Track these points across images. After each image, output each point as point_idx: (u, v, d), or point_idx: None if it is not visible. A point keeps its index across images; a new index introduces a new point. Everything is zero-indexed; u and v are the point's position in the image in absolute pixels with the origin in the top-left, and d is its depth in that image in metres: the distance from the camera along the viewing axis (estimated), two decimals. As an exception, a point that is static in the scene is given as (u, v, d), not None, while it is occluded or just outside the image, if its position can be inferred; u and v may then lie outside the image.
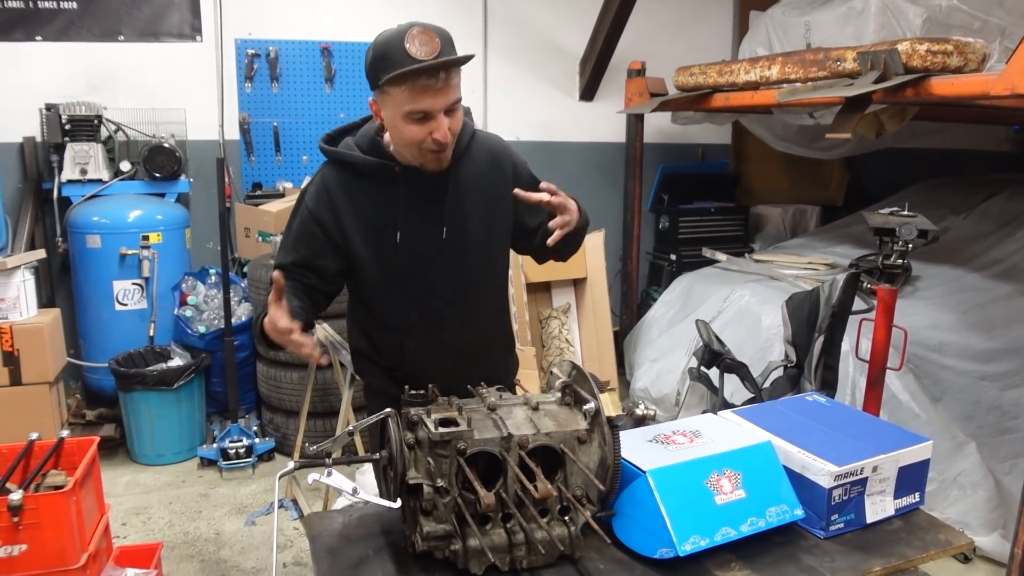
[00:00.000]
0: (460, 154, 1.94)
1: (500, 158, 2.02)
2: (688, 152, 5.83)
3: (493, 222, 2.04)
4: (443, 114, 1.75)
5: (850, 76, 3.18)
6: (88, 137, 4.20)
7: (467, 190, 1.97)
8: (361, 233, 1.94)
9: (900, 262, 2.78)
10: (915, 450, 1.82)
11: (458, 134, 1.86)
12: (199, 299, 4.23)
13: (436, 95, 1.72)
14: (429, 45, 1.69)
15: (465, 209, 1.98)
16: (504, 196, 1.98)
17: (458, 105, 1.79)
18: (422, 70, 1.68)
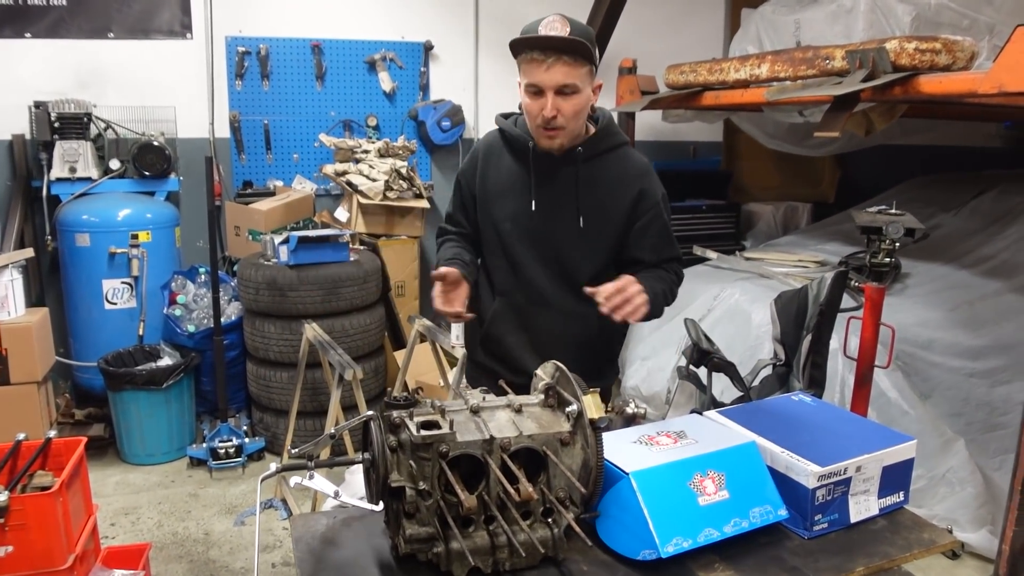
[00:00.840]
0: (593, 155, 2.07)
1: (630, 179, 2.11)
2: (680, 150, 5.83)
3: (597, 233, 2.11)
4: (553, 93, 1.90)
5: (839, 74, 3.18)
6: (77, 135, 4.18)
7: (585, 190, 2.08)
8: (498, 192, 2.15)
9: (888, 260, 2.78)
10: (899, 449, 1.82)
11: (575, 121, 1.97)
12: (188, 298, 4.22)
13: (546, 71, 1.88)
14: (558, 29, 1.87)
15: (579, 205, 2.08)
16: (615, 215, 2.10)
17: (574, 91, 1.91)
18: (533, 42, 1.88)
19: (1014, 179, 4.68)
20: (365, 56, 4.92)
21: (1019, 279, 3.75)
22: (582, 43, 1.87)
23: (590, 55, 1.91)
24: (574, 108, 1.94)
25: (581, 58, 1.90)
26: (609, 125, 2.14)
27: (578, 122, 2.00)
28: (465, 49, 5.14)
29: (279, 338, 3.90)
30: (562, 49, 1.87)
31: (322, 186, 4.94)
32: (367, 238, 4.47)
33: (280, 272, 3.85)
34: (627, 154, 2.15)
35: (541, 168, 2.10)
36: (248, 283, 3.93)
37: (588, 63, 1.93)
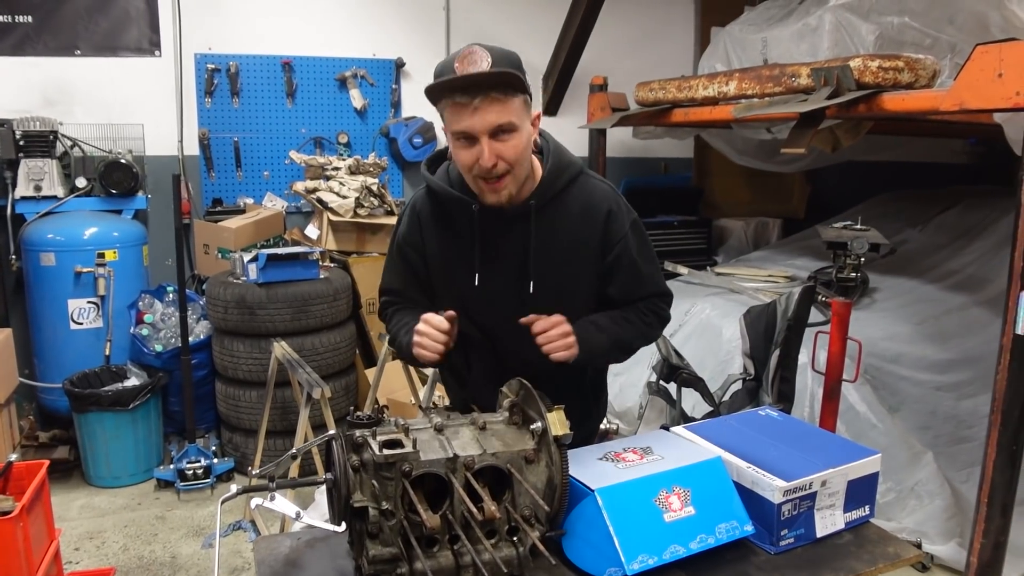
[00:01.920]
0: (550, 198, 1.81)
1: (595, 209, 1.84)
2: (651, 166, 5.87)
3: (574, 278, 1.88)
4: (488, 137, 1.64)
5: (805, 92, 3.22)
6: (43, 153, 4.12)
7: (549, 239, 1.82)
8: (441, 265, 1.91)
9: (854, 275, 2.81)
10: (864, 463, 1.83)
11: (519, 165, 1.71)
12: (156, 317, 4.16)
13: (473, 114, 1.61)
14: (476, 64, 1.59)
15: (544, 260, 1.83)
16: (588, 252, 1.85)
17: (511, 130, 1.65)
18: (454, 84, 1.60)
19: (979, 194, 4.77)
20: (336, 73, 4.91)
21: (984, 293, 3.81)
22: (510, 74, 1.60)
23: (521, 84, 1.64)
24: (515, 150, 1.67)
25: (512, 90, 1.63)
26: (558, 157, 1.83)
27: (523, 165, 1.73)
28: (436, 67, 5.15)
29: (248, 357, 3.85)
30: (489, 85, 1.60)
31: (293, 203, 4.91)
32: (337, 255, 4.45)
33: (249, 290, 3.81)
34: (586, 184, 1.86)
35: (488, 232, 1.81)
36: (217, 301, 3.89)
37: (521, 93, 1.66)
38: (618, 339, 1.92)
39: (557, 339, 1.78)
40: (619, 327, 1.92)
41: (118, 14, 4.48)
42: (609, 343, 1.89)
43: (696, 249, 5.47)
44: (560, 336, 1.78)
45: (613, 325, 1.91)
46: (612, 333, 1.89)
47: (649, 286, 1.96)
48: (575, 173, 1.85)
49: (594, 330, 1.86)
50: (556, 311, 1.83)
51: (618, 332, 1.91)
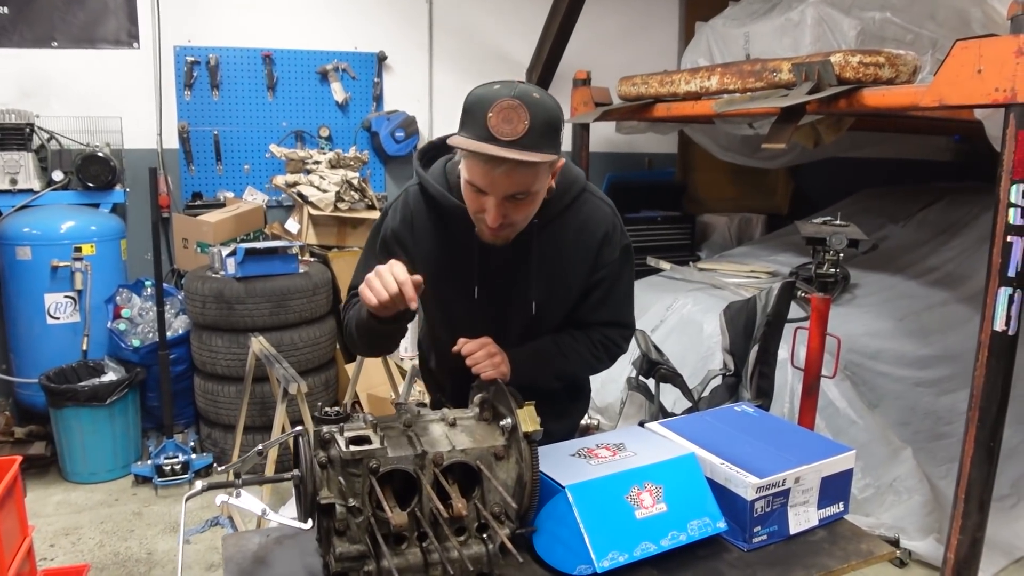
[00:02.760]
0: (552, 218, 1.74)
1: (592, 230, 1.79)
2: (635, 161, 5.86)
3: (564, 296, 1.84)
4: (500, 199, 1.55)
5: (786, 87, 3.21)
6: (18, 146, 4.07)
7: (548, 257, 1.77)
8: (433, 273, 1.72)
9: (833, 271, 2.81)
10: (838, 460, 1.82)
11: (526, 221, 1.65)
12: (134, 312, 4.12)
13: (493, 180, 1.52)
14: (511, 125, 1.44)
15: (544, 281, 1.79)
16: (580, 271, 1.81)
17: (527, 196, 1.56)
18: (480, 153, 1.48)
19: (961, 191, 4.78)
20: (317, 66, 4.87)
21: (964, 289, 3.82)
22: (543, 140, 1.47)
23: (554, 150, 1.52)
24: (524, 214, 1.60)
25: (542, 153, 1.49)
26: (565, 174, 1.75)
27: (529, 219, 1.65)
28: (419, 60, 5.11)
29: (227, 352, 3.82)
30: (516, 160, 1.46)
31: (274, 197, 4.87)
32: (318, 250, 4.41)
33: (227, 285, 3.78)
34: (587, 203, 1.80)
35: (488, 248, 1.73)
36: (195, 296, 3.85)
37: (551, 153, 1.52)
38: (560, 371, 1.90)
39: (483, 360, 1.75)
40: (564, 358, 1.89)
41: (96, 5, 4.42)
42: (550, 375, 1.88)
43: (679, 245, 5.47)
44: (486, 357, 1.75)
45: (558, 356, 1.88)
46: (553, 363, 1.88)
47: (612, 314, 1.90)
48: (578, 191, 1.78)
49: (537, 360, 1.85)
50: (544, 326, 1.83)
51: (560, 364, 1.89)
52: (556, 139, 1.53)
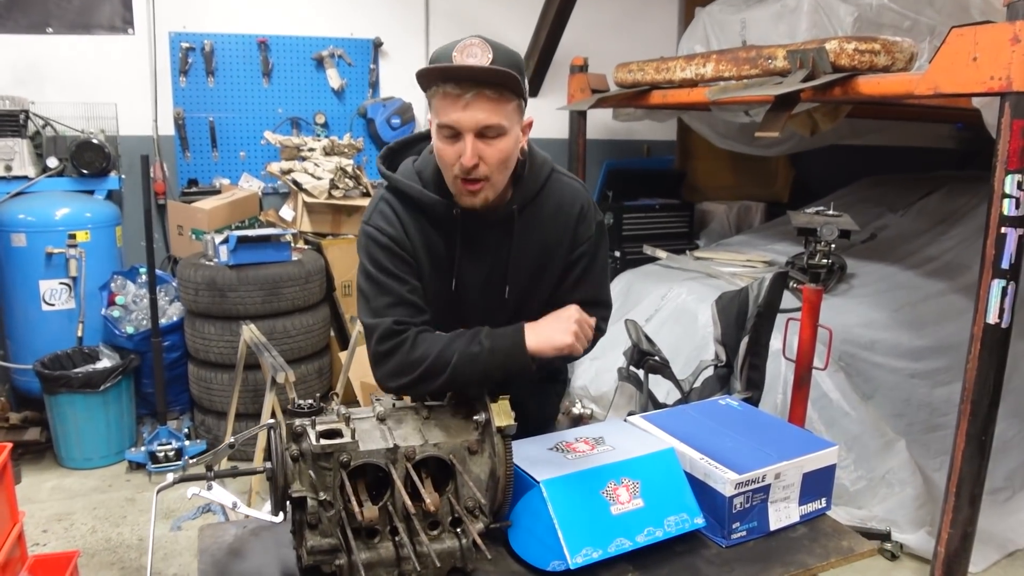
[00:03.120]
0: (529, 199, 1.73)
1: (567, 208, 1.78)
2: (634, 148, 5.82)
3: (544, 280, 1.81)
4: (473, 136, 1.54)
5: (781, 74, 3.17)
6: (12, 132, 4.05)
7: (526, 243, 1.76)
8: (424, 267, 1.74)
9: (825, 261, 2.78)
10: (820, 456, 1.81)
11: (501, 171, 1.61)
12: (128, 299, 4.11)
13: (464, 109, 1.51)
14: (476, 58, 1.49)
15: (520, 264, 1.77)
16: (558, 252, 1.79)
17: (499, 134, 1.55)
18: (448, 73, 1.49)
19: (962, 180, 4.73)
20: (313, 53, 4.84)
21: (962, 280, 3.78)
22: (509, 74, 1.50)
23: (519, 88, 1.55)
24: (500, 155, 1.57)
25: (508, 92, 1.53)
26: (534, 157, 1.76)
27: (505, 172, 1.63)
28: (415, 46, 5.07)
29: (219, 339, 3.82)
30: (484, 81, 1.50)
31: (269, 184, 4.85)
32: (312, 237, 4.40)
33: (220, 272, 3.77)
34: (558, 181, 1.79)
35: (469, 237, 1.72)
36: (188, 283, 3.84)
37: (516, 97, 1.56)
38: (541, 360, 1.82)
39: None
40: None
41: (90, -10, 4.41)
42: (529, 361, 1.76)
43: (677, 233, 5.43)
44: None
45: None
46: None
47: (591, 292, 1.86)
48: (548, 172, 1.78)
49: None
50: (523, 312, 1.80)
51: None
52: (519, 78, 1.54)
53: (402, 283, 1.68)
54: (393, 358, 1.64)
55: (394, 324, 1.64)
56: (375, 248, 1.69)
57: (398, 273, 1.68)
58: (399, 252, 1.69)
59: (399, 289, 1.67)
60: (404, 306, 1.67)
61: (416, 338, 1.64)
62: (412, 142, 1.85)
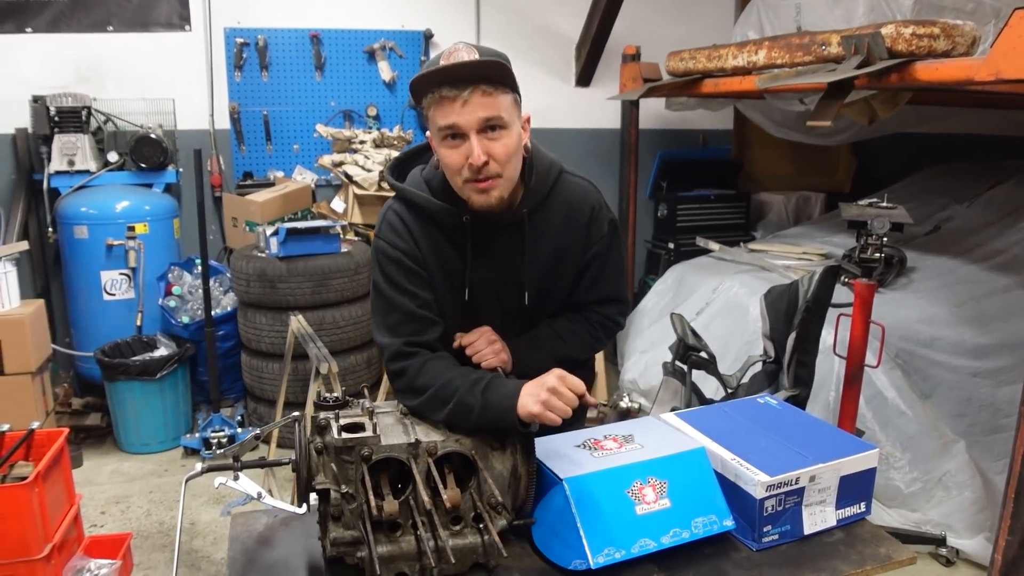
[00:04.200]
0: (539, 203, 1.73)
1: (579, 209, 1.77)
2: (689, 138, 5.71)
3: (560, 283, 1.82)
4: (477, 133, 1.54)
5: (835, 61, 3.06)
6: (75, 128, 4.20)
7: (538, 247, 1.75)
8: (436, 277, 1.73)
9: (877, 255, 2.68)
10: (859, 459, 1.74)
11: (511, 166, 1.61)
12: (184, 289, 4.23)
13: (462, 108, 1.52)
14: (464, 57, 1.50)
15: (535, 269, 1.76)
16: (572, 254, 1.79)
17: (502, 127, 1.56)
18: (441, 75, 1.50)
19: (1034, 169, 4.50)
20: (364, 46, 4.88)
21: (1031, 274, 3.60)
22: (500, 64, 1.51)
23: (511, 80, 1.56)
24: (506, 148, 1.57)
25: (502, 85, 1.54)
26: (541, 157, 1.75)
27: (514, 166, 1.62)
28: (466, 37, 5.05)
29: (270, 329, 3.89)
30: (478, 76, 1.50)
31: (323, 177, 4.92)
32: (362, 229, 4.44)
33: (270, 264, 3.84)
34: (568, 183, 1.78)
35: (479, 244, 1.71)
36: (240, 275, 3.93)
37: (511, 90, 1.57)
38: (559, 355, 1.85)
39: (483, 347, 1.75)
40: (562, 342, 1.86)
41: (149, -11, 4.53)
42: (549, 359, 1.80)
43: (733, 224, 5.31)
44: (486, 344, 1.75)
45: (557, 341, 1.85)
46: (552, 349, 1.84)
47: (608, 290, 1.87)
48: (557, 173, 1.76)
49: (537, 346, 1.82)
50: (541, 316, 1.82)
51: (559, 348, 1.85)
52: (510, 71, 1.55)
53: (413, 298, 1.68)
54: (402, 379, 1.67)
55: (404, 345, 1.67)
56: (386, 262, 1.70)
57: (409, 288, 1.68)
58: (410, 265, 1.69)
59: (410, 305, 1.68)
60: (415, 322, 1.68)
61: (423, 367, 1.65)
62: (419, 152, 1.85)
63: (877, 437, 3.10)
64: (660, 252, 5.30)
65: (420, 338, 1.68)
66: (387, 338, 1.69)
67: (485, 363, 1.73)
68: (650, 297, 4.65)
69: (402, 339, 1.67)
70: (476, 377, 1.62)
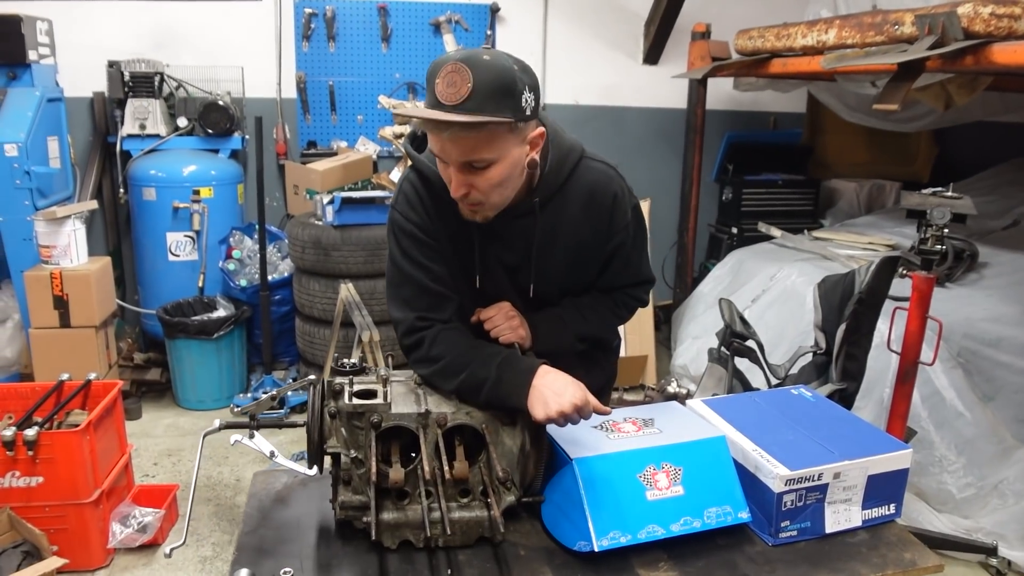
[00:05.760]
0: (552, 195, 1.66)
1: (600, 196, 1.70)
2: (759, 120, 5.52)
3: (576, 273, 1.78)
4: (459, 169, 1.48)
5: (907, 41, 2.91)
6: (147, 93, 4.33)
7: (552, 236, 1.69)
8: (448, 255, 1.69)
9: (938, 248, 2.54)
10: (890, 458, 1.66)
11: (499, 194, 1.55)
12: (244, 253, 4.34)
13: (444, 146, 1.46)
14: (454, 88, 1.37)
15: (548, 258, 1.71)
16: (592, 243, 1.74)
17: (485, 164, 1.47)
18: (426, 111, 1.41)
19: None
20: (430, 18, 4.87)
21: (1115, 275, 3.37)
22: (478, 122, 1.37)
23: (503, 111, 1.39)
24: (489, 181, 1.49)
25: (487, 126, 1.40)
26: (559, 145, 1.65)
27: (502, 192, 1.54)
28: (534, 11, 4.99)
29: (323, 296, 3.96)
30: (457, 123, 1.38)
31: (385, 148, 4.96)
32: (419, 201, 4.45)
33: (324, 232, 3.90)
34: (588, 168, 1.70)
35: (490, 229, 1.65)
36: (296, 241, 4.00)
37: (505, 122, 1.41)
38: (582, 334, 1.84)
39: (502, 323, 1.72)
40: (584, 321, 1.83)
41: (224, -42, 4.61)
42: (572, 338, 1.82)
43: (800, 211, 5.13)
44: (504, 320, 1.72)
45: (579, 319, 1.82)
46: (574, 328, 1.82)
47: (633, 275, 1.86)
48: (576, 159, 1.68)
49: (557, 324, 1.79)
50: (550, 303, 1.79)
51: (580, 327, 1.83)
52: (507, 101, 1.40)
53: (426, 272, 1.65)
54: (417, 351, 1.66)
55: (416, 320, 1.65)
56: (400, 235, 1.67)
57: (423, 261, 1.65)
58: (423, 238, 1.65)
59: (423, 279, 1.65)
60: (429, 296, 1.66)
61: (437, 337, 1.63)
62: None
63: (931, 438, 2.97)
64: (722, 237, 5.17)
65: (433, 314, 1.66)
66: (400, 312, 1.67)
67: (503, 338, 1.70)
68: (707, 282, 4.54)
69: (415, 313, 1.65)
70: (492, 351, 1.60)
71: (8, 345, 4.01)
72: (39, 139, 3.85)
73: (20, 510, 2.70)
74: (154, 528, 2.92)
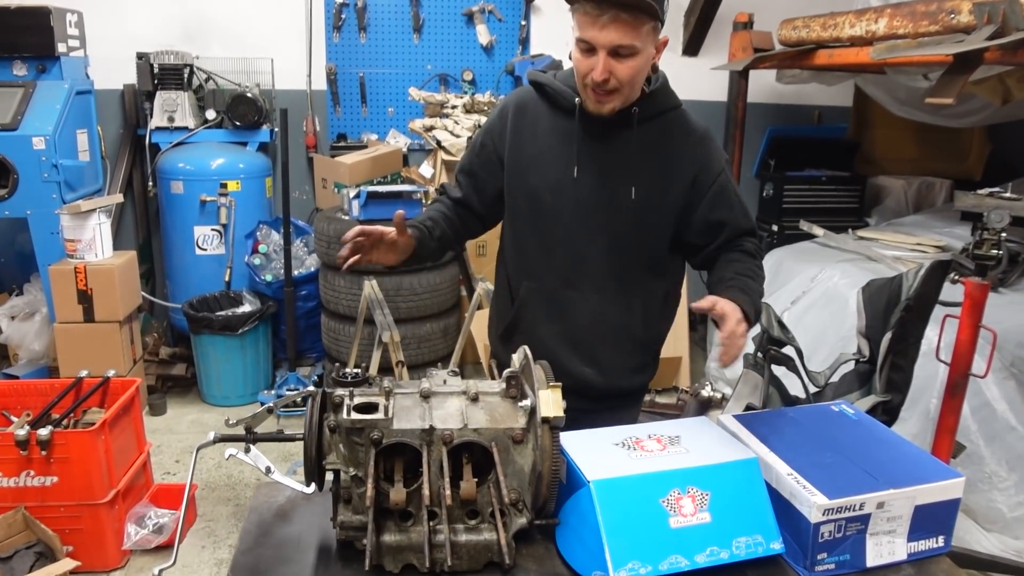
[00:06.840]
0: (648, 117, 1.84)
1: (690, 145, 1.87)
2: (803, 114, 5.32)
3: (654, 206, 1.89)
4: (606, 54, 1.65)
5: (964, 31, 2.72)
6: (176, 85, 4.30)
7: (648, 150, 1.85)
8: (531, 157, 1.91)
9: (995, 252, 2.37)
10: (940, 487, 1.51)
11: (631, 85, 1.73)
12: (270, 248, 4.29)
13: (600, 29, 1.63)
14: None
15: (633, 173, 1.86)
16: (675, 186, 1.88)
17: (631, 53, 1.66)
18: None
19: None
20: (463, 8, 4.76)
21: None
22: (646, 3, 1.59)
23: (655, 12, 1.63)
24: (630, 72, 1.69)
25: (644, 15, 1.62)
26: (665, 84, 1.88)
27: (634, 86, 1.75)
28: (568, 2, 4.86)
29: (348, 292, 3.89)
30: (621, 5, 1.60)
31: (416, 141, 4.87)
32: (448, 196, 4.36)
33: (350, 226, 3.77)
34: (684, 117, 1.90)
35: (588, 130, 1.86)
36: (321, 236, 3.93)
37: (652, 19, 1.65)
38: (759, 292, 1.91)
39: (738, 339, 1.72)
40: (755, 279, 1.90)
41: (254, -51, 4.56)
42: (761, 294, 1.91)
43: (844, 208, 4.92)
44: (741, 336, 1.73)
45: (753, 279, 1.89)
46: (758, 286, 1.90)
47: (749, 220, 1.97)
48: (675, 103, 1.89)
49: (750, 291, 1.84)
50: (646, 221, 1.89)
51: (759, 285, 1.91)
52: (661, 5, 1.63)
53: (477, 155, 1.98)
54: None
55: (437, 190, 2.12)
56: (495, 111, 1.98)
57: (484, 141, 1.96)
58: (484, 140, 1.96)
59: (470, 158, 2.00)
60: (463, 174, 2.02)
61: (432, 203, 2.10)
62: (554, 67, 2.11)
63: (981, 453, 2.79)
64: (762, 234, 4.99)
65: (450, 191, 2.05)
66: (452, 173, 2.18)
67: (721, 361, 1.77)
68: (745, 282, 4.37)
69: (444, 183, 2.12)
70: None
71: (37, 339, 4.01)
72: (68, 132, 3.83)
73: (34, 510, 2.66)
74: (170, 529, 2.88)
